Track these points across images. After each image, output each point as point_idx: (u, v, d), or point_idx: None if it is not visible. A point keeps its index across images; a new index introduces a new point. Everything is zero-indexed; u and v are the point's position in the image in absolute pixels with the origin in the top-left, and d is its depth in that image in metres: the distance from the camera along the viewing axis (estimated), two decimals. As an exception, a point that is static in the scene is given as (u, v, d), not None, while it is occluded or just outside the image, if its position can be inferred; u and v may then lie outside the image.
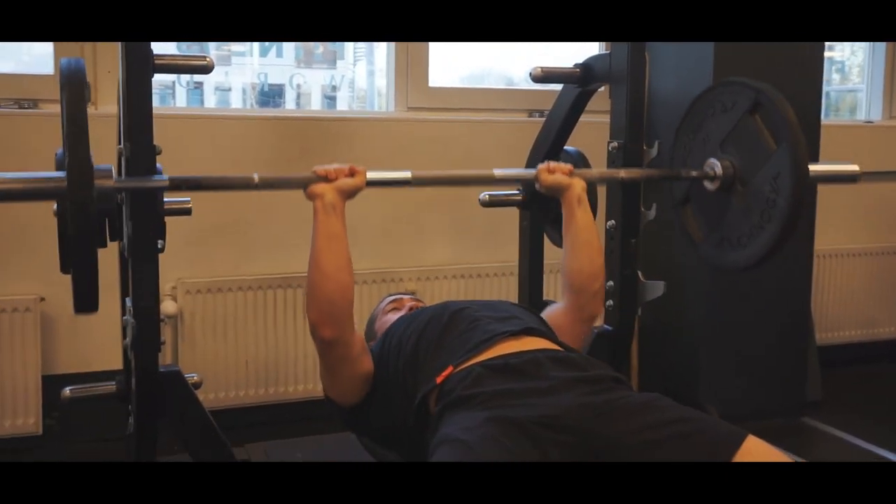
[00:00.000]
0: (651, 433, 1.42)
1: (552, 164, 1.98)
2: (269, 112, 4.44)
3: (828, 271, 3.60)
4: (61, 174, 1.50)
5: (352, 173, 1.72)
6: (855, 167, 2.12)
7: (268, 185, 1.78)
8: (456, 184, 1.96)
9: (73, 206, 1.46)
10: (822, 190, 3.16)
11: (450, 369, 1.59)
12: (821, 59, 3.13)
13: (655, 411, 1.48)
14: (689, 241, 2.12)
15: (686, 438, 1.42)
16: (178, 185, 1.73)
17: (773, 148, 1.86)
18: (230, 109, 4.07)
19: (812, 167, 1.86)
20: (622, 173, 2.13)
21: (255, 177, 1.74)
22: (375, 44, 3.55)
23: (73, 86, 1.49)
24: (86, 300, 1.56)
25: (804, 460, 2.51)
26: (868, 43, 3.97)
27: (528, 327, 1.71)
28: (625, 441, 1.42)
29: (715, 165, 1.98)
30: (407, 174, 1.90)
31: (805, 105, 3.00)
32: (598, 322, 2.22)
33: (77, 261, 1.53)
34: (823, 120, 3.80)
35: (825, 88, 4.55)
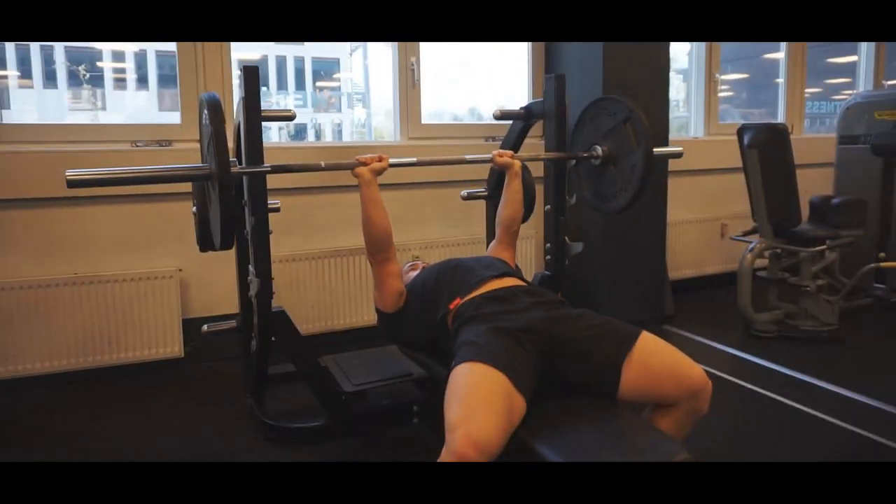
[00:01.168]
0: (584, 331, 1.44)
1: (501, 150, 2.06)
2: (319, 143, 4.27)
3: (675, 233, 3.60)
4: (208, 165, 1.54)
5: (380, 159, 1.77)
6: (679, 148, 2.23)
7: (330, 167, 1.78)
8: (442, 164, 2.09)
9: (221, 183, 1.43)
10: (672, 183, 3.21)
11: (458, 300, 1.59)
12: (667, 91, 3.14)
13: (585, 318, 1.48)
14: (580, 195, 2.16)
15: (605, 333, 1.43)
16: (277, 169, 1.77)
17: (634, 146, 1.93)
18: (294, 143, 3.93)
19: (655, 150, 1.93)
20: (542, 154, 2.22)
21: (322, 163, 1.79)
22: (373, 93, 3.51)
23: (213, 106, 1.47)
24: (228, 241, 1.51)
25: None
26: (693, 83, 3.94)
27: (505, 272, 1.70)
28: (568, 336, 1.43)
29: (598, 149, 2.03)
30: (413, 159, 1.98)
31: (659, 120, 3.11)
32: (541, 269, 2.26)
33: (222, 217, 1.45)
34: (673, 137, 3.90)
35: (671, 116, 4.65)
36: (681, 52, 4.01)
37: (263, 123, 1.76)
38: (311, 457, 1.93)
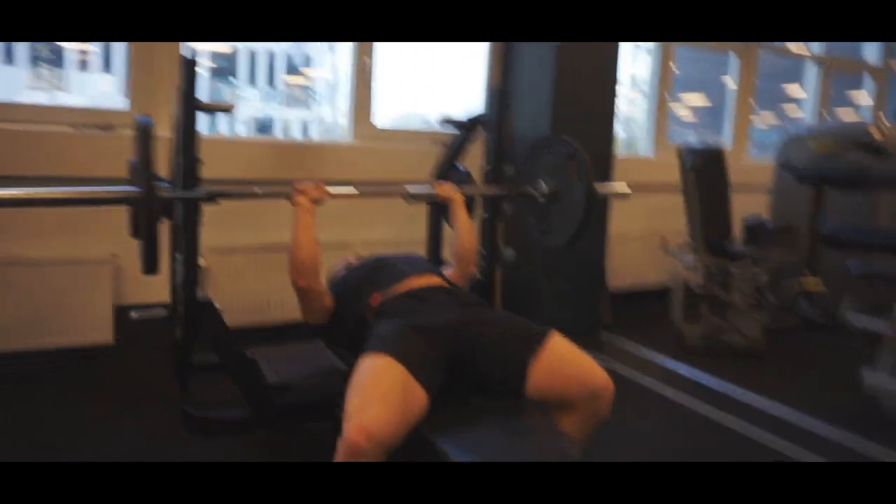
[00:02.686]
0: (494, 333, 1.48)
1: (443, 183, 2.03)
2: (268, 138, 4.29)
3: (616, 245, 3.63)
4: (139, 189, 1.50)
5: (317, 188, 1.73)
6: (627, 191, 2.20)
7: (266, 194, 1.78)
8: (384, 195, 1.99)
9: (146, 212, 1.47)
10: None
11: (378, 296, 1.62)
12: (612, 113, 3.20)
13: (498, 320, 1.54)
14: (527, 229, 2.17)
15: (515, 333, 1.48)
16: (212, 196, 1.72)
17: (577, 182, 1.95)
18: (240, 136, 3.94)
19: (599, 187, 1.95)
20: (485, 190, 2.17)
21: (257, 189, 1.77)
22: (337, 92, 3.49)
23: (143, 135, 1.50)
24: (151, 267, 1.56)
25: (603, 357, 2.70)
26: (647, 104, 4.06)
27: (426, 269, 1.73)
28: (479, 336, 1.47)
29: (543, 185, 2.06)
30: (353, 190, 1.92)
31: (604, 143, 3.19)
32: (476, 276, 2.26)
33: (145, 244, 1.51)
34: (623, 154, 4.01)
35: (625, 134, 4.75)
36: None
37: (224, 116, 1.75)
38: (232, 448, 1.94)
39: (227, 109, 1.95)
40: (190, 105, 1.70)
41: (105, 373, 2.51)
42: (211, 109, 1.95)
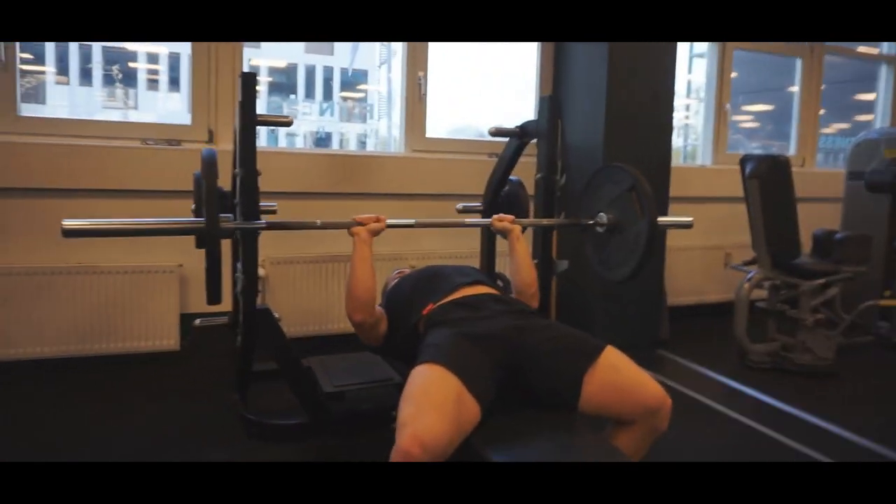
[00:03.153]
0: (548, 342, 1.45)
1: (501, 215, 1.95)
2: (324, 150, 4.39)
3: (675, 259, 3.60)
4: (202, 220, 1.56)
5: (377, 220, 1.73)
6: (689, 219, 2.14)
7: (326, 226, 1.78)
8: (441, 226, 1.99)
9: (209, 244, 1.53)
10: (675, 209, 3.23)
11: (430, 305, 1.62)
12: (669, 121, 3.14)
13: (552, 329, 1.52)
14: (587, 260, 2.13)
15: (569, 345, 1.45)
16: (272, 226, 1.77)
17: (640, 216, 1.88)
18: (298, 148, 4.07)
19: (661, 219, 1.86)
20: (544, 222, 2.12)
21: (318, 221, 1.78)
22: (392, 105, 3.56)
23: (209, 164, 1.56)
24: (215, 298, 1.62)
25: (660, 376, 2.63)
26: (703, 112, 3.95)
27: (478, 280, 1.72)
28: (532, 346, 1.44)
29: (603, 217, 2.01)
30: (411, 220, 1.91)
31: (661, 156, 3.13)
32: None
33: (209, 277, 1.57)
34: (681, 164, 3.92)
35: (684, 143, 4.66)
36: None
37: (285, 131, 1.79)
38: (290, 455, 1.98)
39: (285, 123, 1.97)
40: (249, 119, 1.74)
41: (170, 378, 2.62)
42: (270, 123, 2.01)
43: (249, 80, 1.75)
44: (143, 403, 2.39)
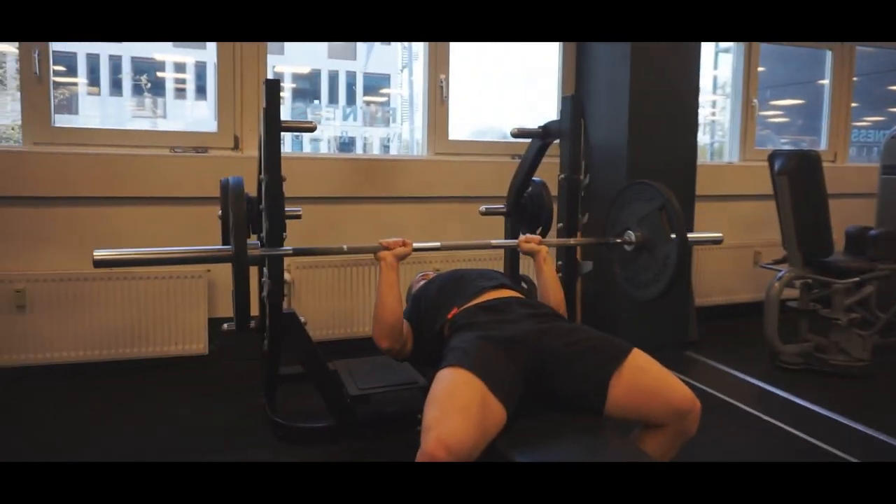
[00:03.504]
0: (574, 345, 1.44)
1: (528, 235, 1.94)
2: (348, 155, 4.44)
3: (703, 259, 3.55)
4: (230, 249, 1.57)
5: (403, 244, 1.72)
6: (719, 234, 2.10)
7: (352, 251, 1.76)
8: (467, 249, 1.93)
9: (236, 273, 1.54)
10: (702, 207, 3.16)
11: (455, 309, 1.62)
12: (694, 119, 3.09)
13: (577, 332, 1.50)
14: (613, 277, 2.08)
15: (595, 347, 1.43)
16: (298, 252, 1.79)
17: (669, 237, 1.83)
18: (322, 153, 4.11)
19: (690, 235, 1.82)
20: (572, 241, 2.10)
21: (345, 247, 1.77)
22: (414, 109, 3.56)
23: (236, 194, 1.57)
24: (243, 327, 1.66)
25: (689, 378, 2.59)
26: (730, 107, 3.89)
27: (503, 284, 1.72)
28: (558, 349, 1.43)
29: (632, 235, 1.96)
30: (437, 244, 1.90)
31: (687, 153, 3.08)
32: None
33: (237, 303, 1.58)
34: (707, 161, 3.85)
35: (710, 140, 4.58)
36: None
37: (309, 136, 1.80)
38: (317, 457, 1.99)
39: (309, 129, 1.98)
40: (274, 125, 1.76)
41: (200, 382, 2.66)
42: (294, 129, 2.02)
43: (273, 86, 1.76)
44: (173, 406, 2.43)
